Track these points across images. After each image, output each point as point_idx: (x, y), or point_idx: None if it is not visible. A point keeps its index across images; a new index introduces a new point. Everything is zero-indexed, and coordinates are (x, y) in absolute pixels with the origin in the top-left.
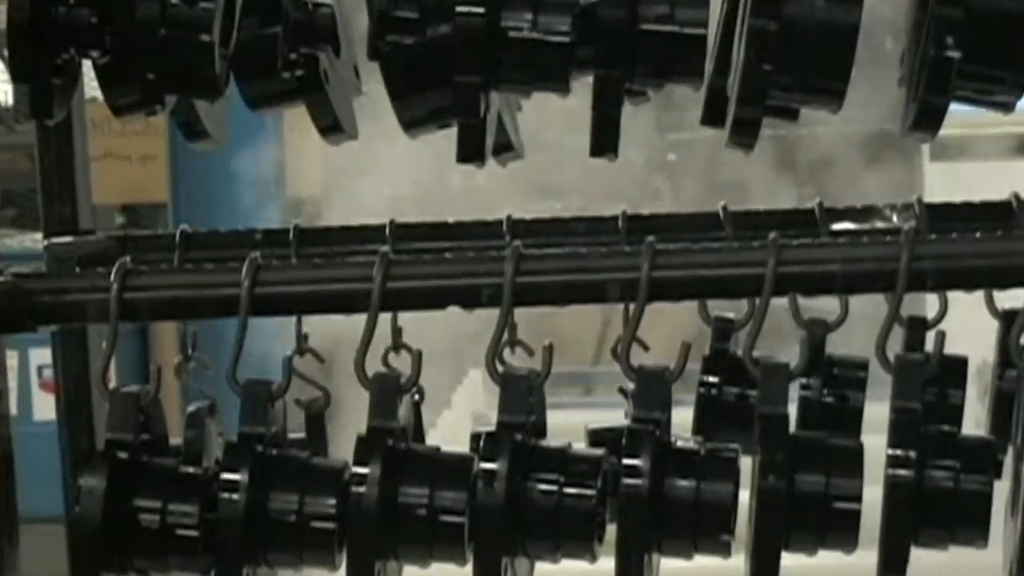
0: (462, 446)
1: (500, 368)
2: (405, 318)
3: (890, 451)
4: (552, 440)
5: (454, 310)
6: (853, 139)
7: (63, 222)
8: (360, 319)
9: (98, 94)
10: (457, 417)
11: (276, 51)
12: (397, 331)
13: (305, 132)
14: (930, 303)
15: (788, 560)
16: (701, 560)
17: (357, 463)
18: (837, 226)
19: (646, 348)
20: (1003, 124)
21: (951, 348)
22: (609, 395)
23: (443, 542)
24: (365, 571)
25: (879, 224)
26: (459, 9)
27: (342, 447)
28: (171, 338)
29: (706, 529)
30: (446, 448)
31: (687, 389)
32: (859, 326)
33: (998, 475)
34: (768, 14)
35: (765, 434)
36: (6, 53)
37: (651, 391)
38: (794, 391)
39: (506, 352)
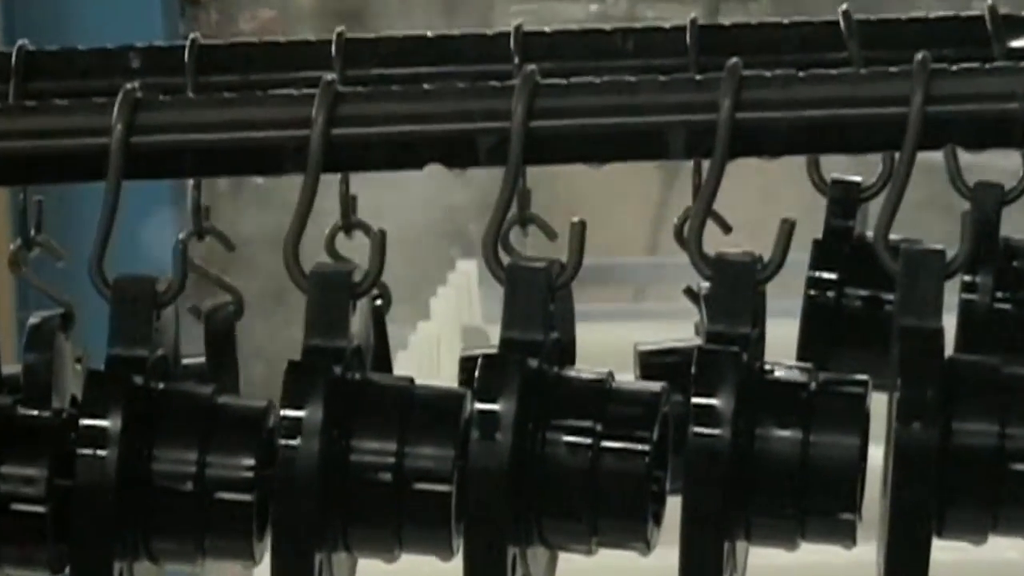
0: (447, 378)
1: (505, 259)
2: (362, 183)
3: None
4: (584, 368)
5: (436, 170)
6: None
7: None
8: (291, 185)
9: None
10: (439, 333)
11: None
12: (349, 202)
13: None
14: None
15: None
16: (810, 551)
17: (288, 403)
18: (1017, 43)
19: (727, 229)
20: None
21: None
22: (670, 299)
23: (418, 523)
24: (300, 568)
25: None
26: None
27: (264, 379)
28: (2, 213)
29: (818, 504)
30: (423, 380)
31: (789, 290)
32: None
33: None
34: None
35: (908, 359)
36: None
37: (735, 293)
38: (952, 293)
39: (514, 234)
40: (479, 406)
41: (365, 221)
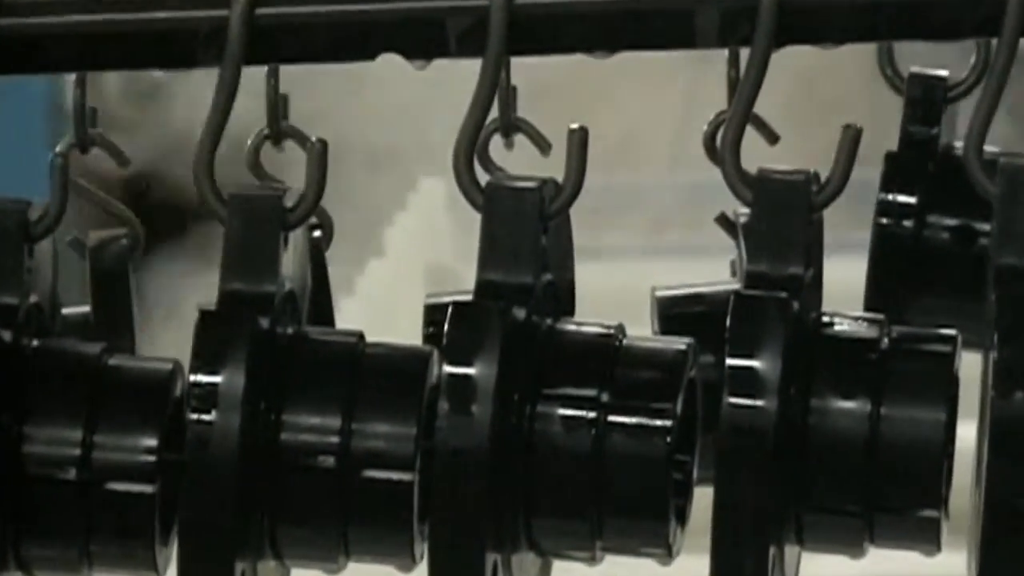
0: (407, 334)
1: (483, 177)
2: (293, 81)
3: None
4: (587, 320)
5: (391, 61)
6: None
7: None
8: (200, 84)
9: None
10: (396, 273)
11: None
12: (279, 102)
13: None
14: None
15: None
16: (881, 558)
17: (201, 366)
18: None
19: (774, 138)
20: None
21: None
22: (698, 230)
23: (370, 523)
24: None
25: None
26: None
27: (169, 334)
28: None
29: (892, 498)
30: (375, 337)
31: (855, 218)
32: None
33: None
34: None
35: (1008, 309)
36: None
37: (783, 222)
38: None
39: (495, 146)
40: (449, 370)
41: (299, 128)
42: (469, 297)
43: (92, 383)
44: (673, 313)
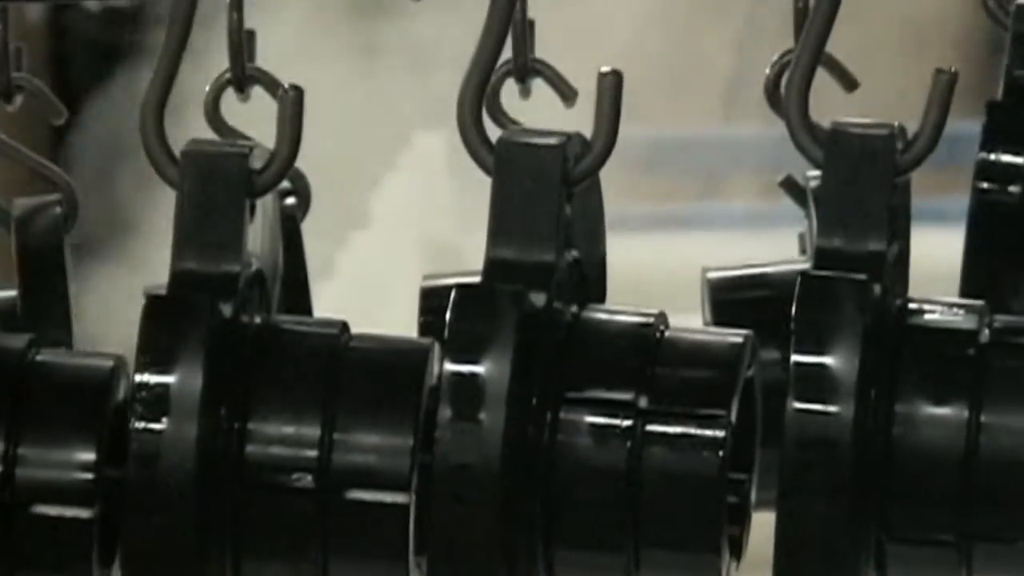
0: (401, 323)
1: (494, 132)
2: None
3: None
4: (621, 307)
5: None
6: None
7: None
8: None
9: None
10: (387, 249)
11: None
12: (243, 39)
13: None
14: None
15: None
16: None
17: (149, 363)
18: None
19: (852, 84)
20: None
21: None
22: (758, 196)
23: (356, 553)
24: None
25: None
26: None
27: (111, 320)
28: None
29: (992, 523)
30: (360, 328)
31: (949, 182)
32: None
33: None
34: None
35: None
36: None
37: (861, 187)
38: None
39: (508, 92)
40: (452, 368)
41: (268, 72)
42: (476, 279)
43: (16, 383)
44: (728, 298)
